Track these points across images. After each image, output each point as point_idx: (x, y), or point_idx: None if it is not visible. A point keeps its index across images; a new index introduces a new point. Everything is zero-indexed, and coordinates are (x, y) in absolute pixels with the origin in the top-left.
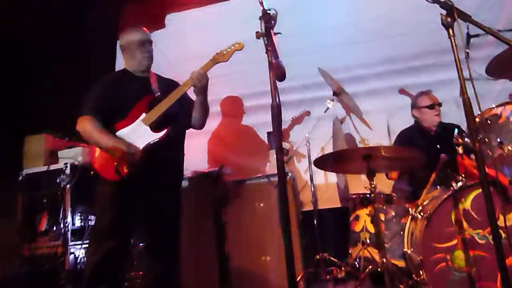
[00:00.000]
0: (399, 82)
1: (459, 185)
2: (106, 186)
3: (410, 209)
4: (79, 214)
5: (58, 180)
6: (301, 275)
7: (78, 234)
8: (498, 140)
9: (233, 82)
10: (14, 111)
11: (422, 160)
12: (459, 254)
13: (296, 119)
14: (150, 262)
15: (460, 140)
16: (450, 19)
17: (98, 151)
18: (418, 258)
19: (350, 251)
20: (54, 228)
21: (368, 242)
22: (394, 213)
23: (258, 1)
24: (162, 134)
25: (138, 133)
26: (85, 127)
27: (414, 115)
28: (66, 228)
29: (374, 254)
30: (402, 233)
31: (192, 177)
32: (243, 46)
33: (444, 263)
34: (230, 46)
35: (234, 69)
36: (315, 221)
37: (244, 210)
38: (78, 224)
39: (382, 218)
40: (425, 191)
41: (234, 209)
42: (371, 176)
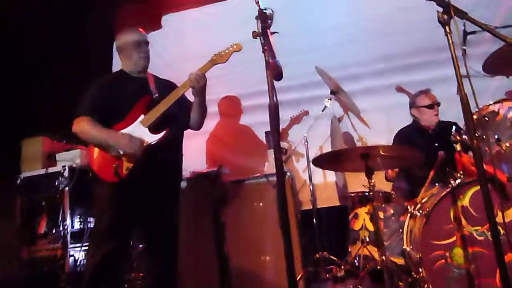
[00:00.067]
0: (397, 80)
1: (457, 182)
2: (105, 188)
3: (408, 207)
4: (78, 216)
5: (57, 182)
6: (300, 274)
7: (78, 236)
8: (496, 137)
9: (230, 82)
10: (12, 114)
11: (420, 158)
12: (458, 251)
13: (295, 119)
14: (150, 263)
15: (458, 137)
16: (446, 17)
17: (96, 152)
18: (417, 256)
19: (349, 250)
20: (54, 230)
21: (367, 240)
22: (393, 211)
23: (254, 0)
24: (161, 135)
25: (136, 134)
26: (82, 127)
27: (412, 114)
28: (66, 230)
29: (374, 252)
30: (401, 231)
31: (190, 177)
32: (241, 47)
33: (443, 260)
34: (228, 47)
35: (231, 69)
36: (314, 220)
37: (243, 210)
38: (77, 226)
39: (381, 216)
40: (423, 189)
41: (233, 209)
42: (370, 174)
